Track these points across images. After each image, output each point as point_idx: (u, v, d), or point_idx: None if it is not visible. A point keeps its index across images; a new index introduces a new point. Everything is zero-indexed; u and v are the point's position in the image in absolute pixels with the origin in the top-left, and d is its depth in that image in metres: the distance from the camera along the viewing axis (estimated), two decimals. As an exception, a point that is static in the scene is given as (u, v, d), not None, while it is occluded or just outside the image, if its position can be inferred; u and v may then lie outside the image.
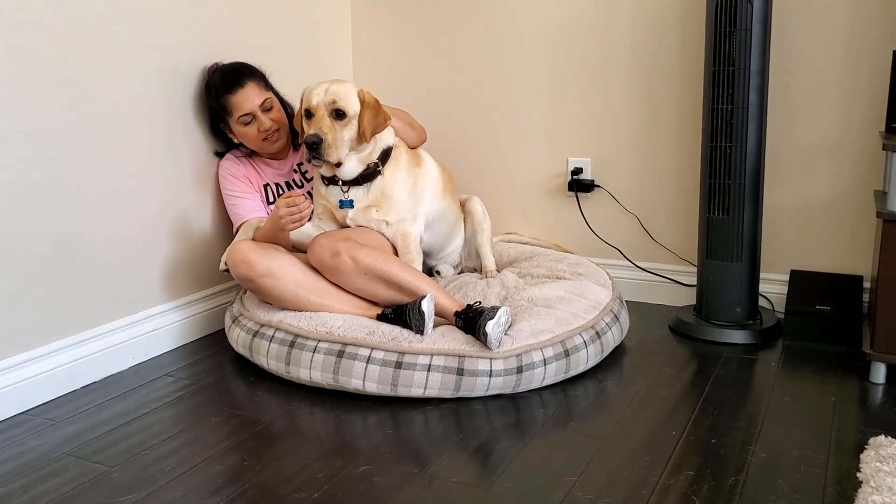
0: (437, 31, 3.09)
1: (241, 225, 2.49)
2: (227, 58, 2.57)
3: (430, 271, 2.72)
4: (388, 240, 2.42)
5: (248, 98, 2.46)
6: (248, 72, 2.51)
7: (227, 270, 2.34)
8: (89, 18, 2.19)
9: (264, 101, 2.49)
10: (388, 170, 2.40)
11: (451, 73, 3.09)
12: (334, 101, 2.25)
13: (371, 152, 2.37)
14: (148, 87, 2.38)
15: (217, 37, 2.59)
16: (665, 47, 2.74)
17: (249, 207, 2.54)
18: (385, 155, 2.40)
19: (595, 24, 2.82)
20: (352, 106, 2.28)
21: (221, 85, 2.47)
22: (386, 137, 2.41)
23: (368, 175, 2.38)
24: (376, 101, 2.33)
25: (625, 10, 2.77)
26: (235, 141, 2.55)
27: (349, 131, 2.28)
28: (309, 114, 2.29)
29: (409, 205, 2.44)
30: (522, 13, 2.93)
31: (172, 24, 2.44)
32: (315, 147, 2.23)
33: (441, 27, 3.08)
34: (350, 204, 2.39)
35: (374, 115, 2.31)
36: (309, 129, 2.26)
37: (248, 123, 2.48)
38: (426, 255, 2.63)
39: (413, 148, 2.56)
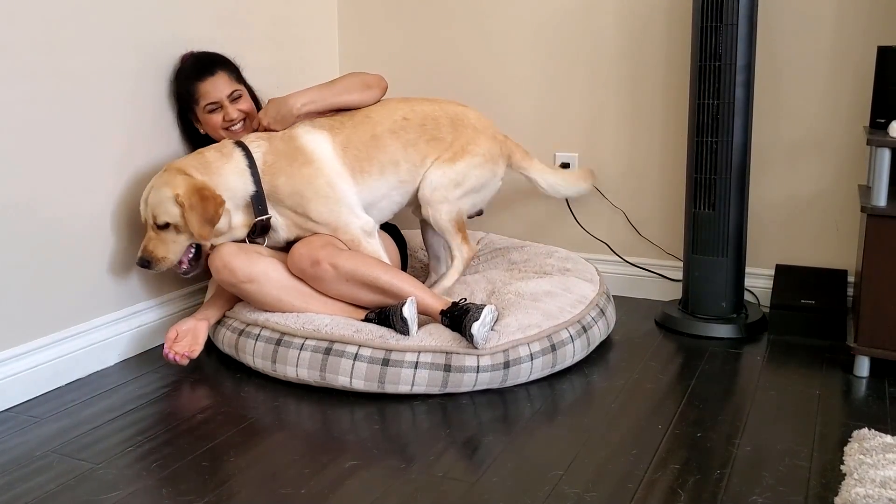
0: (425, 26, 3.08)
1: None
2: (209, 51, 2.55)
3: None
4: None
5: (217, 87, 2.41)
6: (220, 61, 2.46)
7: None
8: (70, 12, 2.17)
9: (233, 92, 2.42)
10: (267, 187, 2.29)
11: (438, 69, 3.08)
12: (154, 216, 2.21)
13: (240, 217, 2.29)
14: (131, 82, 2.36)
15: (201, 31, 2.57)
16: (651, 42, 2.75)
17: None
18: (259, 200, 2.28)
19: (582, 20, 2.83)
20: (170, 214, 2.18)
21: (192, 72, 2.43)
22: (238, 191, 2.26)
23: (262, 229, 2.32)
24: (199, 190, 2.17)
25: (611, 6, 2.78)
26: (201, 132, 2.49)
27: (181, 234, 2.22)
28: None
29: (328, 213, 2.32)
30: (510, 8, 2.93)
31: (154, 19, 2.42)
32: (147, 267, 2.24)
33: (429, 22, 3.07)
34: None
35: (201, 211, 2.18)
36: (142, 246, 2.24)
37: (213, 111, 2.42)
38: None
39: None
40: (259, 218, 2.30)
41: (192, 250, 2.29)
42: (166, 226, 2.21)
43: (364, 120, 2.45)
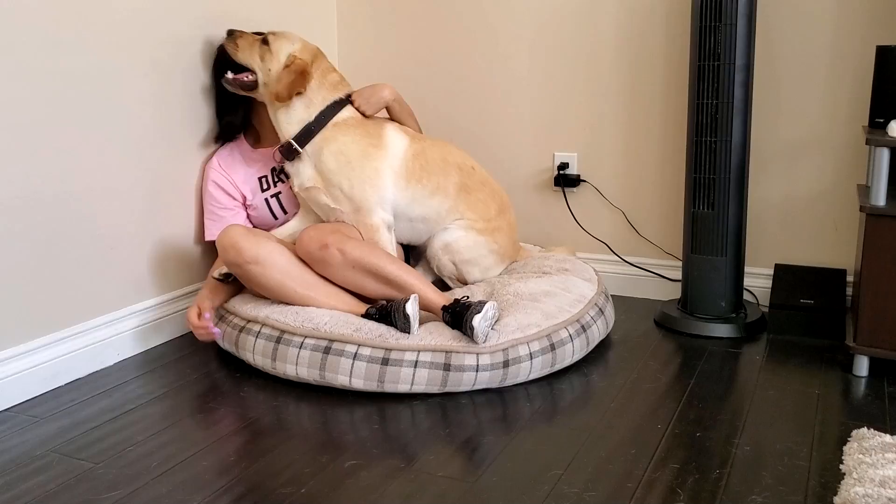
0: (424, 27, 3.08)
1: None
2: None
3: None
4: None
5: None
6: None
7: (222, 279, 2.36)
8: (72, 10, 2.17)
9: None
10: (328, 133, 2.39)
11: (437, 70, 3.09)
12: (273, 33, 2.41)
13: (305, 114, 2.39)
14: (132, 81, 2.37)
15: (201, 31, 2.57)
16: (650, 42, 2.75)
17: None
18: (306, 133, 2.40)
19: (581, 20, 2.83)
20: (279, 45, 2.39)
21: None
22: (317, 101, 2.41)
23: (302, 137, 2.39)
24: (303, 70, 2.36)
25: (610, 5, 2.78)
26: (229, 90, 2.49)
27: (264, 60, 2.39)
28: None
29: (360, 191, 2.37)
30: (509, 9, 2.93)
31: (156, 18, 2.42)
32: (230, 35, 2.44)
33: (429, 23, 3.07)
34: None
35: (288, 77, 2.35)
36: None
37: None
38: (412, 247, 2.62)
39: None
40: (291, 141, 2.40)
41: (251, 77, 2.41)
42: (265, 42, 2.40)
43: (443, 144, 2.56)
